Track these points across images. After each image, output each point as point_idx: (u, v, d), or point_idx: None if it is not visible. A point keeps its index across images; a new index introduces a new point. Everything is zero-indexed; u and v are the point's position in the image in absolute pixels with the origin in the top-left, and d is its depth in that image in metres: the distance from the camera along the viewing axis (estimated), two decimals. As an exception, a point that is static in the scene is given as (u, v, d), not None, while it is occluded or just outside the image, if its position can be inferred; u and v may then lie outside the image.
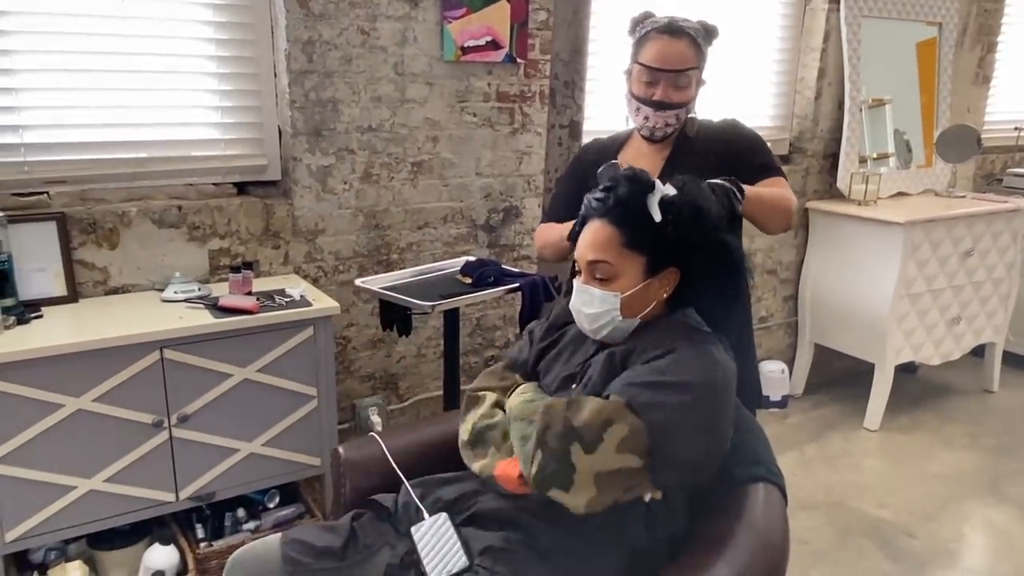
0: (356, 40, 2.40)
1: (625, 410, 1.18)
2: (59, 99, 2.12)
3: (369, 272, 2.57)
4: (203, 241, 2.31)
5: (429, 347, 2.76)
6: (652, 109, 1.71)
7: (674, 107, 1.71)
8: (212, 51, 2.29)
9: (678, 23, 1.70)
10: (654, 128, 1.74)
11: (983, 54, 4.11)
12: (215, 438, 2.05)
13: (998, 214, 3.50)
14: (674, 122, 1.73)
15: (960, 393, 3.86)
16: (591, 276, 1.34)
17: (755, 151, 1.78)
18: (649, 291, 1.32)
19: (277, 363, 2.09)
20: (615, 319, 1.32)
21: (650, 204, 1.30)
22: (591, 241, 1.34)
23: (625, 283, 1.31)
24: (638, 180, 1.33)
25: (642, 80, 1.72)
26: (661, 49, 1.68)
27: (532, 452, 1.20)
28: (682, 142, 1.80)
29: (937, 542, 2.63)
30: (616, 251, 1.31)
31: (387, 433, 1.62)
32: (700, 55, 1.71)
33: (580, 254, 1.36)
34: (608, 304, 1.31)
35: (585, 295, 1.34)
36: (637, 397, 1.19)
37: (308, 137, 2.39)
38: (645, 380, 1.21)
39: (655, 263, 1.32)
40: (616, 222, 1.31)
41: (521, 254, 2.87)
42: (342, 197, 2.49)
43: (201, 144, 2.33)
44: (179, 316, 2.00)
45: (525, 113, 2.75)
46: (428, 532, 1.33)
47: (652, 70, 1.69)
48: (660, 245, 1.31)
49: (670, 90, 1.69)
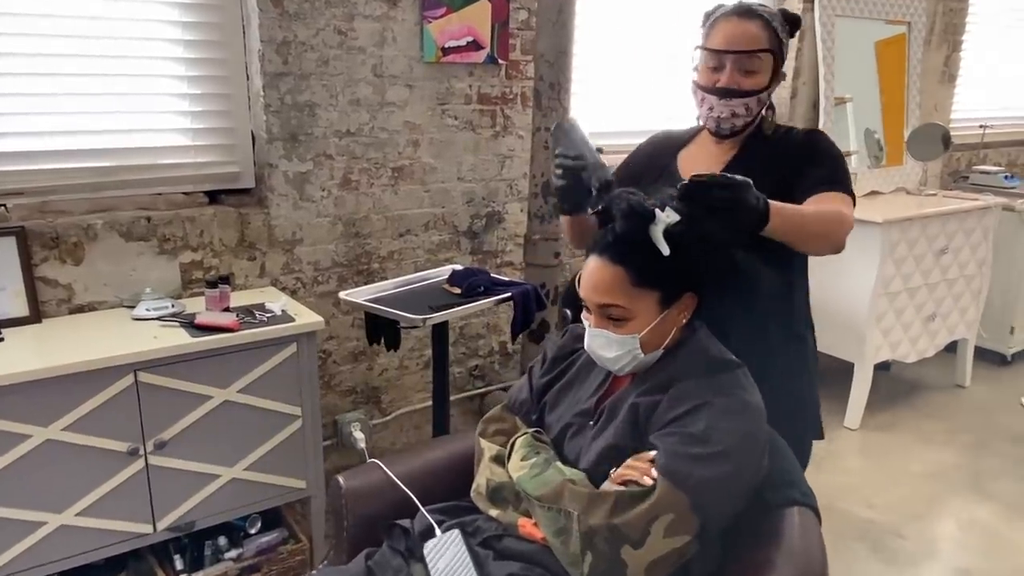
0: (333, 41, 2.29)
1: (669, 497, 1.13)
2: (16, 105, 1.97)
3: (349, 282, 2.46)
4: (174, 254, 2.18)
5: (412, 359, 2.67)
6: (716, 97, 1.48)
7: (742, 95, 1.47)
8: (180, 53, 2.16)
9: (750, 6, 1.51)
10: (719, 119, 1.50)
11: (949, 53, 4.16)
12: (194, 464, 1.93)
13: (971, 212, 3.54)
14: (743, 113, 1.48)
15: (934, 389, 3.89)
16: (604, 319, 1.26)
17: (819, 161, 1.51)
18: (667, 322, 1.26)
19: (259, 383, 1.98)
20: (637, 357, 1.26)
21: (654, 237, 1.20)
22: (597, 283, 1.25)
23: (642, 322, 1.24)
24: (635, 212, 1.21)
25: (708, 66, 1.50)
26: (728, 30, 1.47)
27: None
28: (752, 143, 1.56)
29: (927, 542, 2.63)
30: (626, 292, 1.23)
31: (387, 459, 1.53)
32: (775, 41, 1.48)
33: (587, 296, 1.28)
34: (628, 346, 1.25)
35: (601, 339, 1.27)
36: (684, 480, 1.14)
37: (284, 142, 2.28)
38: (686, 452, 1.16)
39: (669, 295, 1.25)
40: (620, 260, 1.22)
41: (504, 260, 2.79)
42: (320, 205, 2.38)
43: (170, 151, 2.20)
44: (153, 336, 1.87)
45: (507, 116, 2.68)
46: (439, 548, 1.27)
47: (717, 53, 1.47)
48: (672, 275, 1.24)
49: (737, 75, 1.47)
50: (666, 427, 1.20)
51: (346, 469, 2.56)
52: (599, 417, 1.31)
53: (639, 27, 3.03)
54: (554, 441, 1.38)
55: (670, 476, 1.14)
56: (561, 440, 1.37)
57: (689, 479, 1.14)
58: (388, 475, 1.46)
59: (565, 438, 1.36)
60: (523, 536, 1.26)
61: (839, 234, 1.42)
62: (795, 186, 1.47)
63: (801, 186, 1.47)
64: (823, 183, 1.47)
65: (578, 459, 1.32)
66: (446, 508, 1.39)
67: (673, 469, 1.15)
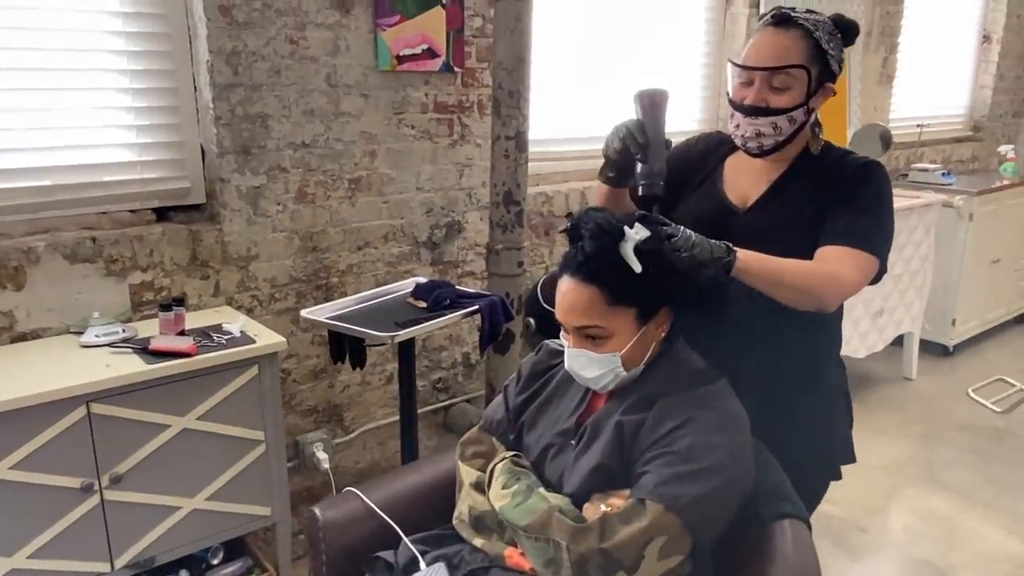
0: (284, 50, 2.22)
1: (662, 519, 1.12)
2: (-55, 122, 1.85)
3: (308, 298, 2.39)
4: (122, 275, 2.07)
5: (374, 374, 2.60)
6: (743, 115, 1.39)
7: (770, 113, 1.36)
8: (123, 64, 2.05)
9: (791, 13, 1.37)
10: (745, 138, 1.41)
11: (886, 55, 4.28)
12: (153, 497, 1.83)
13: (913, 209, 3.65)
14: (769, 132, 1.38)
15: (883, 382, 4.00)
16: (582, 339, 1.24)
17: (857, 206, 1.38)
18: (646, 338, 1.25)
19: (219, 408, 1.90)
20: (619, 374, 1.25)
21: (625, 254, 1.18)
22: (572, 304, 1.22)
23: (621, 340, 1.23)
24: (603, 231, 1.20)
25: (739, 82, 1.40)
26: (761, 43, 1.37)
27: None
28: (802, 163, 1.45)
29: (888, 535, 2.69)
30: (603, 312, 1.21)
31: (363, 486, 1.48)
32: (816, 52, 1.36)
33: (564, 319, 1.25)
34: (609, 365, 1.23)
35: (581, 359, 1.25)
36: (675, 501, 1.12)
37: (236, 156, 2.19)
38: (674, 472, 1.14)
39: (646, 310, 1.24)
40: (593, 280, 1.20)
41: (466, 270, 2.75)
42: (276, 219, 2.30)
43: (114, 167, 2.10)
44: (105, 364, 1.77)
45: (464, 124, 2.64)
46: None
47: (744, 69, 1.37)
48: (647, 291, 1.22)
49: (765, 92, 1.36)
50: (652, 446, 1.18)
51: (309, 491, 2.52)
52: (581, 436, 1.29)
53: (595, 33, 3.02)
54: (534, 463, 1.35)
55: (661, 499, 1.13)
56: (542, 461, 1.34)
57: (680, 499, 1.12)
58: (365, 504, 1.41)
59: (546, 459, 1.33)
60: (511, 567, 1.23)
61: (827, 295, 1.33)
62: (824, 223, 1.38)
63: (826, 229, 1.37)
64: (844, 235, 1.35)
65: (561, 481, 1.29)
66: (428, 537, 1.35)
67: (663, 491, 1.13)
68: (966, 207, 4.04)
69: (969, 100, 5.23)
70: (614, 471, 1.22)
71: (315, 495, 2.54)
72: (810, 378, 1.53)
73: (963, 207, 4.02)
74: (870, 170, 1.42)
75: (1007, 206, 4.38)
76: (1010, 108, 5.45)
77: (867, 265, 1.36)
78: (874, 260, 1.36)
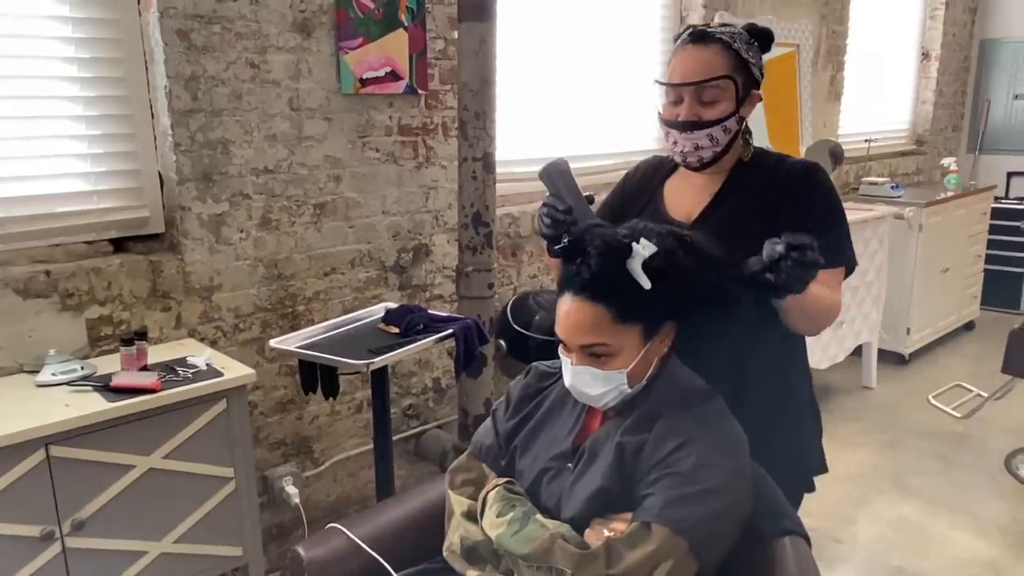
0: (245, 74, 2.17)
1: (669, 542, 1.09)
2: None
3: (274, 327, 2.32)
4: (79, 310, 1.98)
5: (344, 403, 2.54)
6: (678, 131, 1.42)
7: (704, 126, 1.40)
8: (76, 91, 1.98)
9: (709, 29, 1.42)
10: (684, 153, 1.44)
11: (834, 73, 4.40)
12: (118, 542, 1.74)
13: (867, 222, 3.74)
14: (707, 144, 1.41)
15: (844, 392, 4.07)
16: (586, 356, 1.21)
17: (823, 219, 1.40)
18: (650, 353, 1.23)
19: (186, 446, 1.82)
20: (623, 391, 1.22)
21: (633, 271, 1.16)
22: (578, 323, 1.19)
23: (626, 357, 1.20)
24: (611, 248, 1.18)
25: (668, 101, 1.44)
26: (683, 61, 1.41)
27: None
28: (739, 173, 1.49)
29: (862, 544, 2.72)
30: (610, 330, 1.19)
31: (347, 522, 1.42)
32: (738, 62, 1.40)
33: (568, 337, 1.22)
34: (615, 382, 1.21)
35: (585, 376, 1.22)
36: (681, 524, 1.10)
37: (197, 183, 2.13)
38: (679, 494, 1.12)
39: (652, 326, 1.22)
40: (600, 299, 1.18)
41: (434, 293, 2.71)
42: (239, 247, 2.23)
43: (68, 198, 2.01)
44: (64, 404, 1.68)
45: (429, 146, 2.61)
46: None
47: (673, 87, 1.42)
48: (653, 307, 1.20)
49: (696, 107, 1.40)
50: (655, 468, 1.16)
51: (280, 528, 2.44)
52: (579, 458, 1.26)
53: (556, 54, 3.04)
54: (529, 488, 1.31)
55: (667, 523, 1.10)
56: (537, 486, 1.30)
57: (686, 521, 1.10)
58: (350, 540, 1.35)
59: (542, 484, 1.30)
60: None
61: (824, 323, 1.39)
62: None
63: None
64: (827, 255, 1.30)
65: (558, 506, 1.26)
66: (418, 572, 1.31)
67: (669, 514, 1.11)
68: (916, 219, 4.16)
69: (912, 115, 5.41)
70: (615, 494, 1.19)
71: (285, 531, 2.46)
72: (783, 393, 1.54)
73: (913, 219, 4.14)
74: (813, 175, 1.46)
75: (953, 217, 4.52)
76: (949, 122, 5.65)
77: (842, 278, 1.44)
78: (843, 269, 1.45)
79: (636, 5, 3.37)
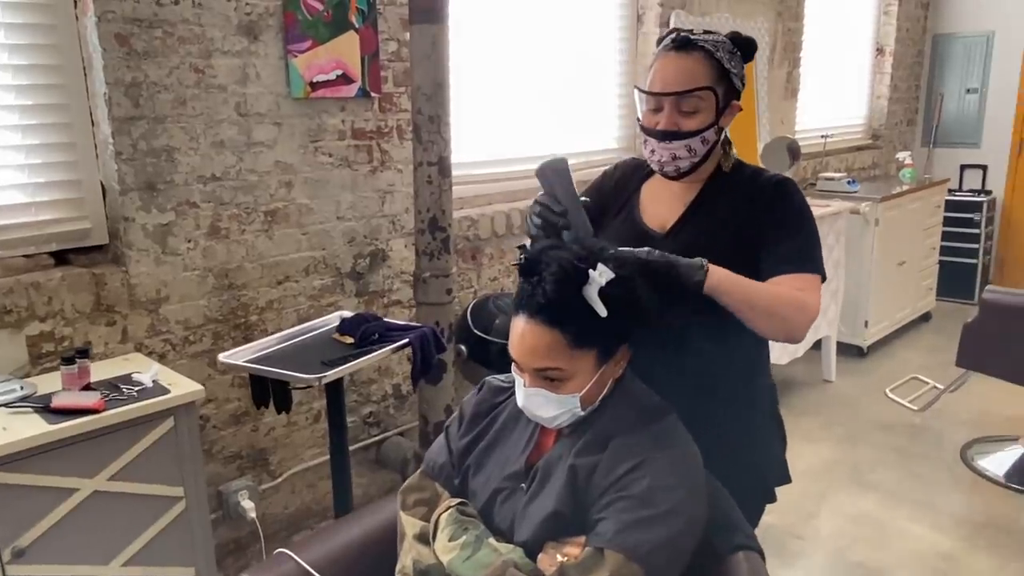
0: (189, 80, 2.10)
1: (624, 570, 1.07)
2: None
3: (226, 339, 2.26)
4: (18, 327, 1.91)
5: (301, 413, 2.49)
6: (656, 140, 1.40)
7: (682, 136, 1.38)
8: (11, 100, 1.91)
9: (692, 36, 1.39)
10: (662, 163, 1.42)
11: (790, 69, 4.43)
12: (63, 569, 1.68)
13: (824, 217, 3.77)
14: (684, 155, 1.39)
15: (804, 385, 4.11)
16: (539, 379, 1.19)
17: (789, 229, 1.40)
18: (604, 376, 1.21)
19: (133, 466, 1.76)
20: (576, 413, 1.20)
21: (590, 299, 1.14)
22: (533, 347, 1.16)
23: (580, 381, 1.18)
24: (567, 275, 1.15)
25: (648, 108, 1.42)
26: (665, 68, 1.38)
27: None
28: (715, 183, 1.47)
29: (823, 540, 2.74)
30: (564, 354, 1.16)
31: (295, 546, 1.38)
32: (719, 72, 1.37)
33: (522, 360, 1.19)
34: (567, 405, 1.19)
35: (538, 398, 1.19)
36: (636, 550, 1.08)
37: (140, 192, 2.06)
38: (634, 518, 1.10)
39: (606, 350, 1.20)
40: (555, 324, 1.15)
41: (392, 299, 2.67)
42: (187, 257, 2.17)
43: (5, 210, 1.94)
44: (2, 427, 1.62)
45: (384, 150, 2.56)
46: None
47: (653, 95, 1.39)
48: (609, 332, 1.18)
49: (676, 116, 1.38)
50: (608, 490, 1.14)
51: (237, 543, 2.38)
52: (532, 479, 1.24)
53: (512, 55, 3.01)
54: (482, 509, 1.29)
55: (621, 548, 1.08)
56: (490, 507, 1.28)
57: (641, 547, 1.08)
58: (299, 566, 1.31)
59: (495, 505, 1.27)
60: None
61: (796, 322, 1.34)
62: (761, 255, 1.39)
63: (768, 259, 1.39)
64: (791, 262, 1.37)
65: (511, 527, 1.23)
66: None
67: (623, 540, 1.09)
68: (872, 213, 4.21)
69: (867, 110, 5.48)
70: (568, 517, 1.17)
71: (242, 546, 2.40)
72: (746, 405, 1.53)
73: (869, 213, 4.19)
74: (786, 187, 1.45)
75: (908, 211, 4.59)
76: (904, 116, 5.74)
77: (817, 284, 1.41)
78: (818, 277, 1.41)
79: (593, 4, 3.35)
